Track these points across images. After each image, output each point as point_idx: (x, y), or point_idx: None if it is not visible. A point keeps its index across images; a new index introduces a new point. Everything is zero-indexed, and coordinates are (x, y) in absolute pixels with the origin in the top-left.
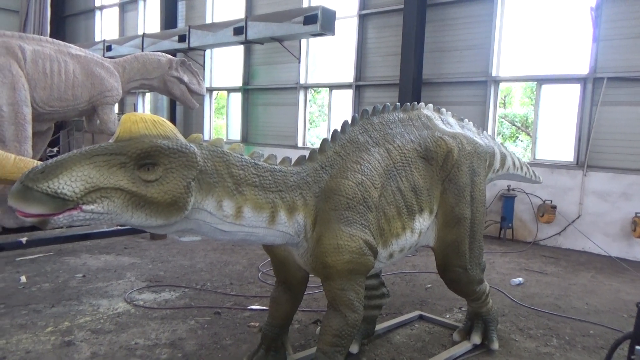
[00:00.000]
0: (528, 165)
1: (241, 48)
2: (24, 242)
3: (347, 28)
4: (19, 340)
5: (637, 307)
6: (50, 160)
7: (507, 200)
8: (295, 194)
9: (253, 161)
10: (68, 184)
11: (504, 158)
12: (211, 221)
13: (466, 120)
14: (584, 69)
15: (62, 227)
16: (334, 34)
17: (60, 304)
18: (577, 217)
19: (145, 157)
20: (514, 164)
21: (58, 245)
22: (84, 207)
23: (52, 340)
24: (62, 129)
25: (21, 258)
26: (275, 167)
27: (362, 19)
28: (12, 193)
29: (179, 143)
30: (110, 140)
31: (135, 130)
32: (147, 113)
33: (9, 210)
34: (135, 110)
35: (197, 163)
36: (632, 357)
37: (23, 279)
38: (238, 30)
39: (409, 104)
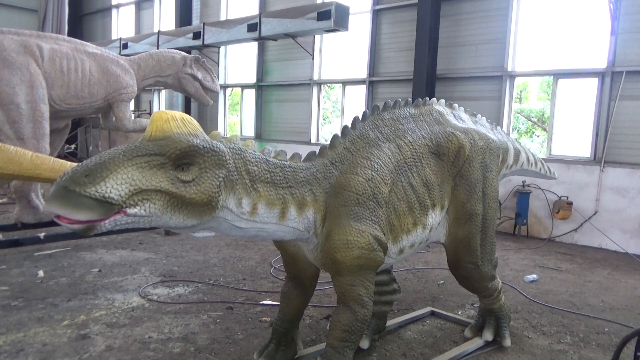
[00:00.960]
0: (543, 161)
1: (255, 45)
2: (42, 237)
3: (360, 23)
4: (37, 333)
5: None
6: (89, 162)
7: (522, 196)
8: (305, 189)
9: (265, 157)
10: (115, 187)
11: (517, 154)
12: (231, 218)
13: (479, 115)
14: (601, 63)
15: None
16: (347, 30)
17: (77, 298)
18: (594, 214)
19: (183, 157)
20: (528, 159)
21: (75, 241)
22: (128, 210)
23: (69, 333)
24: (80, 126)
25: (39, 253)
26: (285, 163)
27: (376, 14)
28: (55, 198)
29: (210, 142)
30: (141, 139)
31: (167, 128)
32: (174, 111)
33: (27, 206)
34: (150, 107)
35: (227, 162)
36: (638, 353)
37: (41, 273)
38: (252, 27)
39: (420, 99)
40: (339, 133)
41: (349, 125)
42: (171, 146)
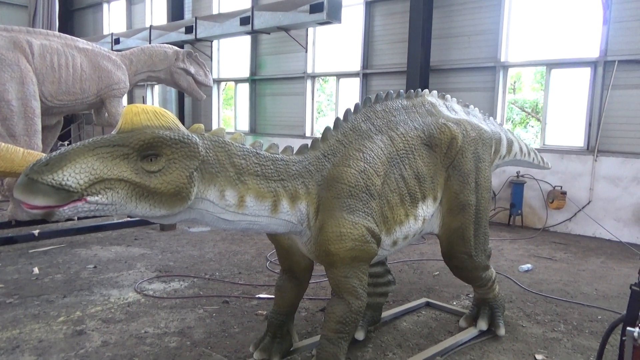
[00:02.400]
0: (536, 151)
1: (248, 38)
2: (37, 234)
3: (353, 16)
4: (32, 330)
5: (630, 289)
6: (54, 153)
7: (517, 186)
8: (298, 182)
9: (254, 150)
10: (72, 175)
11: (510, 144)
12: (214, 211)
13: (472, 106)
14: (594, 53)
15: (69, 219)
16: (340, 22)
17: (72, 294)
18: (588, 203)
19: (147, 148)
20: (521, 150)
21: (70, 237)
22: (88, 198)
23: (64, 329)
24: (73, 122)
25: (34, 250)
26: (277, 156)
27: (369, 6)
28: (18, 186)
29: (181, 133)
30: (112, 132)
31: (137, 121)
32: (148, 104)
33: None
34: (144, 102)
35: (199, 153)
36: (623, 338)
37: (36, 270)
38: (244, 20)
39: (412, 90)
40: (332, 126)
41: (341, 118)
42: (135, 137)
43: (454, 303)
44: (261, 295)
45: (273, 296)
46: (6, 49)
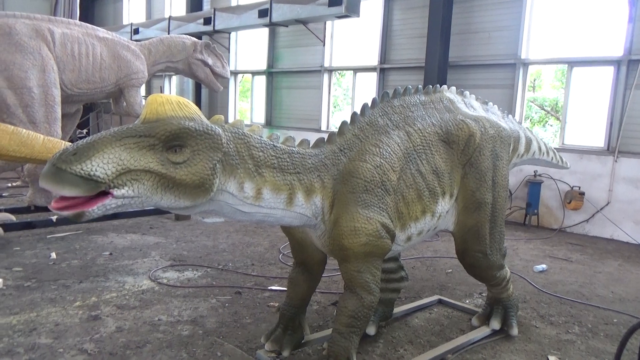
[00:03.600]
0: (555, 151)
1: (266, 31)
2: (55, 220)
3: (372, 10)
4: (49, 314)
5: None
6: (81, 142)
7: (533, 186)
8: (313, 176)
9: (272, 143)
10: (100, 165)
11: (529, 143)
12: (233, 202)
13: (490, 103)
14: (618, 51)
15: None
16: (359, 16)
17: (88, 280)
18: (606, 204)
19: (173, 139)
20: (539, 149)
21: (86, 224)
22: (115, 192)
23: (80, 314)
24: (91, 111)
25: (52, 235)
26: (294, 149)
27: (388, 0)
28: (44, 175)
29: (205, 125)
30: (136, 122)
31: (162, 111)
32: (172, 94)
33: (40, 189)
34: (162, 92)
35: (222, 145)
36: None
37: (53, 255)
38: (263, 13)
39: (431, 86)
40: (348, 120)
41: (358, 112)
42: (161, 128)
43: (467, 301)
44: (273, 287)
45: (285, 288)
46: (28, 36)
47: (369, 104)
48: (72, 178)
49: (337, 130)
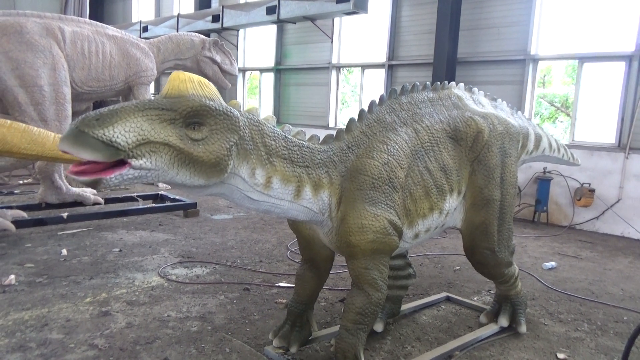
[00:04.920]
0: (566, 147)
1: (274, 28)
2: (65, 217)
3: (380, 6)
4: (60, 309)
5: None
6: (103, 109)
7: (543, 182)
8: (322, 171)
9: (284, 134)
10: (122, 133)
11: (539, 139)
12: (243, 188)
13: (499, 100)
14: (629, 47)
15: (96, 203)
16: (367, 12)
17: (98, 276)
18: (617, 201)
19: (194, 115)
20: (550, 145)
21: (97, 221)
22: (133, 162)
23: (90, 310)
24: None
25: (62, 232)
26: (304, 143)
27: None
28: (65, 137)
29: (224, 106)
30: (158, 96)
31: (183, 88)
32: (192, 74)
33: (51, 186)
34: None
35: (240, 128)
36: None
37: (64, 252)
38: (271, 10)
39: (439, 83)
40: (356, 117)
41: (366, 109)
42: (183, 103)
43: (475, 298)
44: (281, 284)
45: (293, 285)
46: (39, 35)
47: (377, 101)
48: (93, 142)
49: (344, 127)
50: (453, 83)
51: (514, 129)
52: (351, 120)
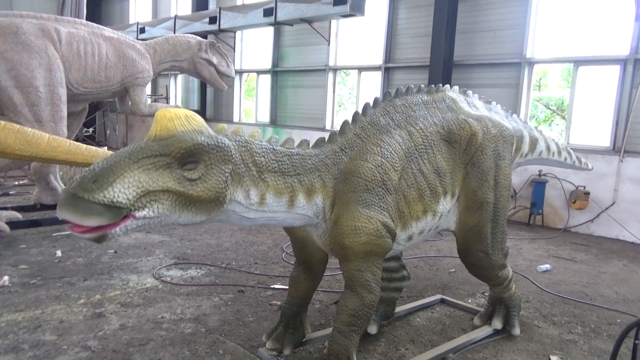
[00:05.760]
0: (571, 151)
1: (271, 30)
2: (60, 218)
3: (377, 8)
4: (54, 311)
5: None
6: (96, 166)
7: (538, 185)
8: (314, 176)
9: (271, 147)
10: (122, 191)
11: (534, 142)
12: (240, 210)
13: (494, 103)
14: (624, 50)
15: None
16: (364, 15)
17: (93, 277)
18: (612, 204)
19: (188, 155)
20: (548, 148)
21: None
22: (136, 213)
23: (84, 311)
24: (98, 109)
25: (57, 233)
26: (293, 150)
27: None
28: (65, 205)
29: (215, 138)
30: (146, 139)
31: (172, 127)
32: (177, 108)
33: (46, 187)
34: (167, 92)
35: (233, 156)
36: (636, 341)
37: (59, 253)
38: (268, 12)
39: (433, 86)
40: (350, 119)
41: (360, 112)
42: (176, 145)
43: (469, 301)
44: (276, 286)
45: (288, 287)
46: (35, 36)
47: (371, 104)
48: (95, 207)
49: (338, 129)
50: (447, 86)
51: (507, 132)
52: (345, 123)
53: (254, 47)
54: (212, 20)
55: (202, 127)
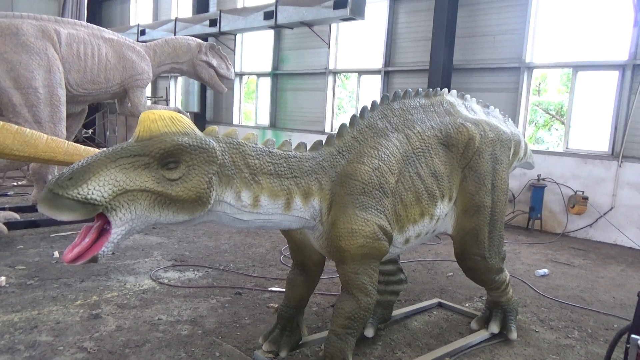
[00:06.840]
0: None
1: (271, 33)
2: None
3: (377, 12)
4: (50, 312)
5: (637, 296)
6: (76, 165)
7: (537, 190)
8: (311, 179)
9: (267, 149)
10: (97, 188)
11: (526, 146)
12: (231, 212)
13: (492, 107)
14: (623, 55)
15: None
16: (364, 19)
17: (90, 279)
18: (610, 209)
19: (168, 156)
20: (526, 151)
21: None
22: (112, 214)
23: (81, 312)
24: (97, 111)
25: (55, 234)
26: (290, 153)
27: (393, 3)
28: (43, 201)
29: (199, 139)
30: (130, 140)
31: (154, 128)
32: (164, 110)
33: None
34: (167, 94)
35: (217, 157)
36: (628, 345)
37: (56, 254)
38: (268, 15)
39: (431, 89)
40: (348, 122)
41: (358, 115)
42: (155, 146)
43: (467, 305)
44: (273, 289)
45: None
46: (35, 37)
47: (369, 107)
48: (69, 203)
49: (336, 132)
50: (445, 90)
51: (505, 136)
52: (342, 126)
53: (254, 49)
54: (213, 22)
55: (188, 128)
